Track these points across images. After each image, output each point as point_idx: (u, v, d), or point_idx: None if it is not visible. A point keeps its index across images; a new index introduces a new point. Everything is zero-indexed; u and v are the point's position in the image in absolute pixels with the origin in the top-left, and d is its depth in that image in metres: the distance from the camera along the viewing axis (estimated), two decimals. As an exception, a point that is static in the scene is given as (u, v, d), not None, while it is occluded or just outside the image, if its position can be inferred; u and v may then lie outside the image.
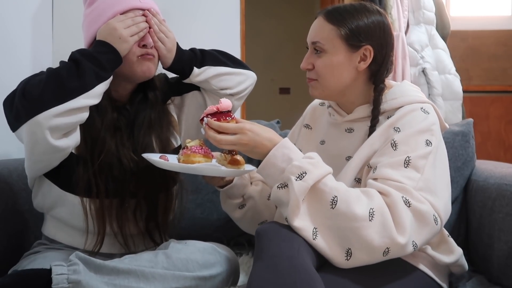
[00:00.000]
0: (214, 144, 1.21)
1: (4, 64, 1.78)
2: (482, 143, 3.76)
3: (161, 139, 1.46)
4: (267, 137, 1.20)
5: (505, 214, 1.40)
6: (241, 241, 1.86)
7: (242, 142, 1.19)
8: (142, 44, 1.36)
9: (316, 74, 1.32)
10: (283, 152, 1.18)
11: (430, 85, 3.00)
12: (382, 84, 1.30)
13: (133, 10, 1.37)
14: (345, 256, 1.12)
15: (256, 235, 1.15)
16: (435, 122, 1.26)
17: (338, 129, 1.37)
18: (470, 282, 1.41)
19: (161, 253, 1.29)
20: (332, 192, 1.13)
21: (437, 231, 1.19)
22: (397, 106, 1.28)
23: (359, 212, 1.10)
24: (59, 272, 1.20)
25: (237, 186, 1.42)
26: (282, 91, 5.63)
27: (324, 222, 1.13)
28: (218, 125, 1.20)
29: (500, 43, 3.97)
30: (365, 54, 1.29)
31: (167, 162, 1.29)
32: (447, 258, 1.29)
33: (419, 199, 1.15)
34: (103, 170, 1.35)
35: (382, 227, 1.10)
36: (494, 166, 1.68)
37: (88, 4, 1.42)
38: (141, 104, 1.44)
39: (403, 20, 3.07)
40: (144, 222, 1.42)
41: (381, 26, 1.30)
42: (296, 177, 1.13)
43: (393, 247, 1.11)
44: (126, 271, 1.23)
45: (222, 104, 1.23)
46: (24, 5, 1.96)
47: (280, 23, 5.52)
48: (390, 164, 1.19)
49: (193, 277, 1.27)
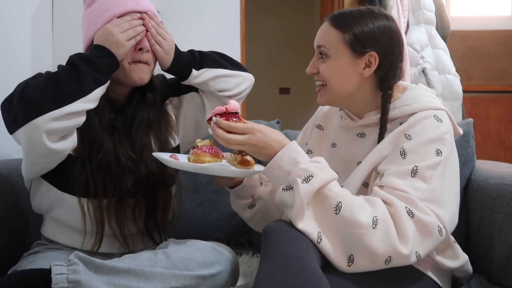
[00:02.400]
0: (222, 143, 1.21)
1: (4, 64, 1.78)
2: (482, 143, 3.75)
3: (160, 139, 1.46)
4: (275, 138, 1.20)
5: (505, 214, 1.39)
6: (241, 241, 1.86)
7: (251, 142, 1.19)
8: (138, 48, 1.36)
9: (322, 78, 1.31)
10: (290, 155, 1.18)
11: (430, 85, 3.00)
12: (389, 91, 1.28)
13: (131, 13, 1.36)
14: (347, 262, 1.12)
15: (263, 233, 1.15)
16: (448, 131, 1.23)
17: (350, 133, 1.36)
18: (470, 282, 1.41)
19: (161, 252, 1.30)
20: (337, 197, 1.13)
21: (441, 242, 1.18)
22: (410, 112, 1.26)
23: (362, 220, 1.10)
24: (58, 272, 1.20)
25: (246, 186, 1.42)
26: (282, 91, 5.63)
27: (328, 227, 1.13)
28: (227, 124, 1.20)
29: (500, 43, 3.97)
30: (370, 60, 1.27)
31: (178, 161, 1.30)
32: (452, 263, 1.29)
33: (424, 210, 1.14)
34: (101, 169, 1.35)
35: (385, 236, 1.10)
36: (494, 166, 1.68)
37: (87, 4, 1.43)
38: (139, 104, 1.44)
39: (403, 20, 3.08)
40: (143, 221, 1.42)
41: (387, 32, 1.28)
42: (302, 180, 1.13)
43: (396, 256, 1.11)
44: (125, 270, 1.24)
45: (231, 104, 1.23)
46: (24, 5, 1.96)
47: (280, 23, 5.52)
48: (397, 173, 1.17)
49: (192, 276, 1.27)
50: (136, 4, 1.38)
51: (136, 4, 1.38)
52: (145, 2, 1.41)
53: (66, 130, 1.26)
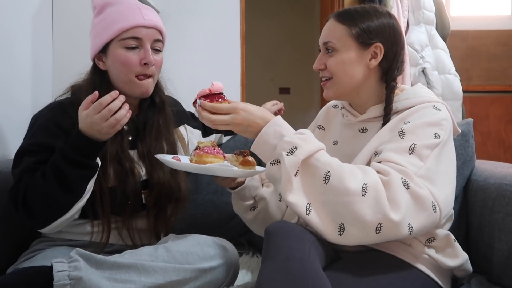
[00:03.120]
0: (208, 124, 1.23)
1: (4, 64, 1.78)
2: (482, 143, 3.76)
3: (170, 142, 1.52)
4: (260, 115, 1.22)
5: (505, 214, 1.39)
6: (241, 241, 1.86)
7: (235, 121, 1.21)
8: (143, 62, 1.41)
9: (329, 72, 1.34)
10: (275, 129, 1.20)
11: (430, 85, 3.00)
12: (393, 83, 1.33)
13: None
14: (338, 231, 1.13)
15: (265, 234, 1.15)
16: (447, 118, 1.27)
17: (352, 129, 1.38)
18: (470, 282, 1.41)
19: (161, 247, 1.31)
20: (325, 167, 1.14)
21: (435, 220, 1.18)
22: (410, 105, 1.30)
23: (351, 187, 1.11)
24: (60, 269, 1.21)
25: (248, 187, 1.44)
26: (282, 91, 5.63)
27: (318, 197, 1.14)
28: (211, 106, 1.22)
29: (500, 43, 3.97)
30: (375, 52, 1.31)
31: (180, 162, 1.32)
32: (451, 262, 1.29)
33: (419, 184, 1.15)
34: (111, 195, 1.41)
35: (375, 203, 1.11)
36: (494, 166, 1.68)
37: (96, 12, 1.47)
38: (150, 109, 1.51)
39: (403, 20, 3.08)
40: (153, 218, 1.48)
41: (391, 26, 1.33)
42: (287, 152, 1.14)
43: (386, 224, 1.11)
44: (127, 265, 1.25)
45: (214, 86, 1.24)
46: (24, 5, 1.96)
47: (280, 23, 5.52)
48: (395, 149, 1.20)
49: (193, 269, 1.28)
50: (143, 19, 1.41)
51: (143, 19, 1.41)
52: (152, 16, 1.45)
53: (67, 221, 1.33)
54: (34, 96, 1.98)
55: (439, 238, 1.29)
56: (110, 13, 1.42)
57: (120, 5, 1.43)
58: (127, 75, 1.41)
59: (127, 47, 1.40)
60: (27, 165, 1.32)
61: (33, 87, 1.99)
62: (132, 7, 1.43)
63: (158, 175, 1.46)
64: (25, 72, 1.94)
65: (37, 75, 2.03)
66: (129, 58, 1.40)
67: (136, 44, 1.41)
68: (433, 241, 1.28)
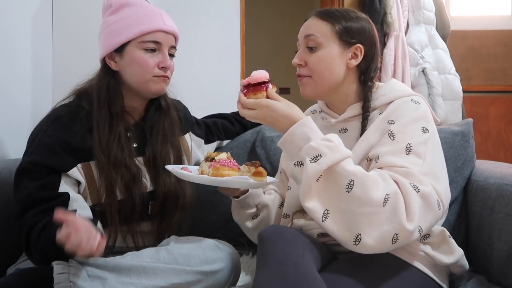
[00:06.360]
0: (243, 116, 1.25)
1: (4, 64, 1.78)
2: (482, 143, 3.75)
3: (175, 146, 1.53)
4: (283, 113, 1.21)
5: (505, 214, 1.39)
6: (241, 241, 1.85)
7: (259, 117, 1.22)
8: (161, 66, 1.42)
9: (309, 70, 1.34)
10: (303, 131, 1.19)
11: (430, 85, 3.00)
12: (370, 82, 1.34)
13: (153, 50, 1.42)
14: (354, 241, 1.12)
15: (259, 238, 1.16)
16: (428, 110, 1.29)
17: (332, 130, 1.37)
18: (470, 282, 1.41)
19: (163, 249, 1.31)
20: (349, 175, 1.13)
21: (439, 217, 1.20)
22: (387, 101, 1.31)
23: (375, 197, 1.11)
24: (60, 271, 1.20)
25: (252, 195, 1.44)
26: (282, 91, 5.63)
27: (338, 205, 1.13)
28: (242, 100, 1.24)
29: (500, 43, 3.97)
30: (355, 53, 1.33)
31: (198, 175, 1.33)
32: (447, 258, 1.29)
33: (424, 183, 1.16)
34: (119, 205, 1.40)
35: (393, 213, 1.11)
36: (494, 166, 1.68)
37: (112, 11, 1.45)
38: (156, 112, 1.51)
39: (403, 20, 3.08)
40: (157, 223, 1.49)
41: (370, 31, 1.36)
42: (310, 159, 1.14)
43: (402, 233, 1.11)
44: (128, 267, 1.25)
45: (252, 76, 1.24)
46: (24, 5, 1.96)
47: (280, 23, 5.52)
48: (392, 152, 1.20)
49: (194, 272, 1.28)
50: (164, 24, 1.43)
51: (164, 24, 1.43)
52: (171, 22, 1.47)
53: None
54: (34, 96, 1.98)
55: (434, 234, 1.29)
56: (130, 14, 1.42)
57: (139, 7, 1.44)
58: (144, 76, 1.42)
59: (146, 49, 1.42)
60: (28, 198, 1.31)
61: (33, 87, 1.99)
62: (153, 11, 1.45)
63: (164, 181, 1.46)
64: (25, 72, 1.94)
65: (37, 75, 2.03)
66: (147, 61, 1.42)
67: (154, 47, 1.42)
68: (428, 237, 1.28)
